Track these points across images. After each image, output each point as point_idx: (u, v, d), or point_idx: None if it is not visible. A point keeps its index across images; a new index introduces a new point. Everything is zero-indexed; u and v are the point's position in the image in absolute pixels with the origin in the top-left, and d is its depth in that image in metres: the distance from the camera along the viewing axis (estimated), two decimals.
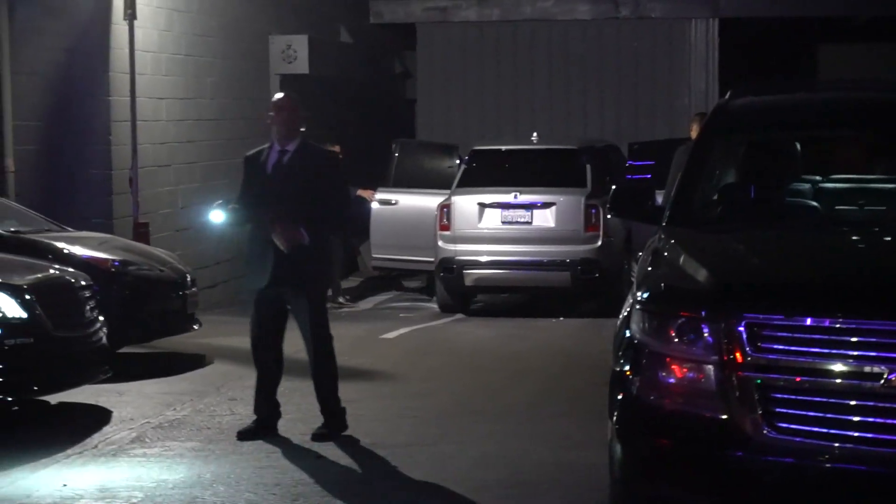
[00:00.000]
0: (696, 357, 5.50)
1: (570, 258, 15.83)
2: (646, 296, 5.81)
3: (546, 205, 15.96)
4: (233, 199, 9.41)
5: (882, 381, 5.25)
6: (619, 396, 5.78)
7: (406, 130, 23.04)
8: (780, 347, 5.38)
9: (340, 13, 22.66)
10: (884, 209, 7.38)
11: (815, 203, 7.29)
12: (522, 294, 17.26)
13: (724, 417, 5.42)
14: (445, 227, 16.19)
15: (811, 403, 5.33)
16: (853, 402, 5.30)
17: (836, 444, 5.28)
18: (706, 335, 5.48)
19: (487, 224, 16.09)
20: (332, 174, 9.27)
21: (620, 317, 6.22)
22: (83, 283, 10.03)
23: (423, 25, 23.23)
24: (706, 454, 5.49)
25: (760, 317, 5.41)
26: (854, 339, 5.30)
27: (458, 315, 16.39)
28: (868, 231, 6.69)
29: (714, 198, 7.15)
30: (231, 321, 15.06)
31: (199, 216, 16.78)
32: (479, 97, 23.04)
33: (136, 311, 11.92)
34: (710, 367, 5.47)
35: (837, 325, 5.32)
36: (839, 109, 7.45)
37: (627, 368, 5.76)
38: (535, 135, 17.66)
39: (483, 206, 16.11)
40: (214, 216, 9.14)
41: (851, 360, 5.30)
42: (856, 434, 5.27)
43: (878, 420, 5.26)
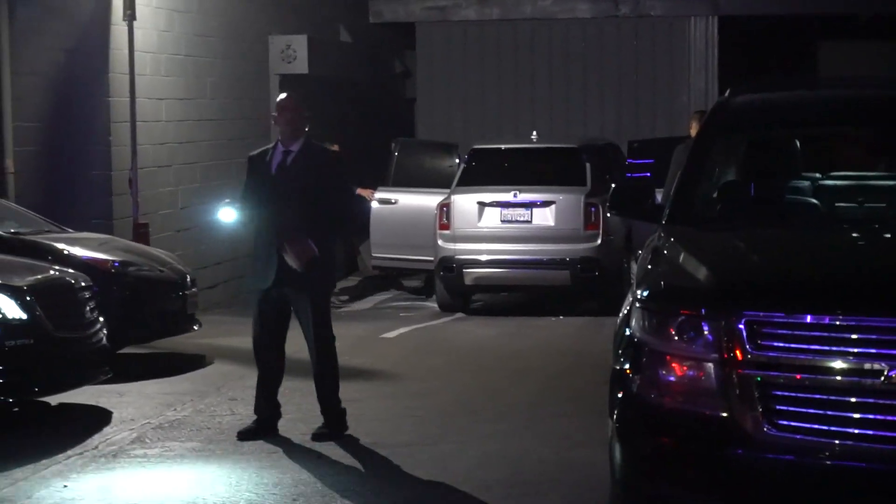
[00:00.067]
0: (697, 355, 5.50)
1: (570, 257, 15.81)
2: (646, 294, 5.81)
3: (546, 203, 15.96)
4: (237, 199, 9.40)
5: (882, 378, 5.24)
6: (620, 395, 5.77)
7: (406, 130, 23.03)
8: (781, 345, 5.38)
9: (340, 13, 22.65)
10: (883, 206, 7.37)
11: (815, 200, 7.28)
12: (522, 293, 17.25)
13: (725, 415, 5.42)
14: (445, 227, 16.18)
15: (811, 401, 5.32)
16: (853, 400, 5.29)
17: (837, 442, 5.27)
18: (706, 333, 5.47)
19: (487, 223, 16.08)
20: (337, 174, 9.25)
21: (620, 315, 6.22)
22: (83, 284, 10.03)
23: (423, 25, 23.24)
24: (707, 452, 5.49)
25: (760, 314, 5.41)
26: (854, 337, 5.30)
27: (458, 314, 16.39)
28: (868, 228, 6.68)
29: (714, 196, 7.14)
30: (231, 321, 15.06)
31: (206, 215, 16.79)
32: (479, 96, 23.03)
33: (137, 312, 11.92)
34: (711, 365, 5.46)
35: (837, 323, 5.32)
36: (839, 107, 7.45)
37: (627, 367, 5.75)
38: (535, 133, 17.66)
39: (483, 205, 16.09)
40: (224, 215, 9.10)
41: (851, 358, 5.29)
42: (856, 431, 5.27)
43: (879, 417, 5.26)
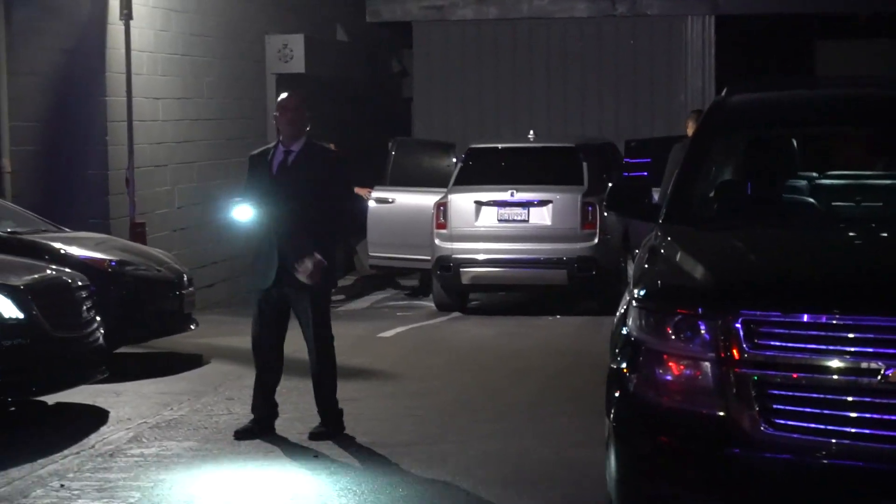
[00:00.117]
0: (694, 354, 5.50)
1: (567, 256, 15.81)
2: (643, 293, 5.80)
3: (543, 203, 15.95)
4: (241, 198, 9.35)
5: (879, 378, 5.24)
6: (617, 394, 5.77)
7: (403, 129, 23.02)
8: (778, 344, 5.37)
9: (337, 12, 22.65)
10: (880, 205, 7.38)
11: (812, 200, 7.28)
12: (519, 292, 17.25)
13: (722, 414, 5.42)
14: (442, 226, 16.18)
15: (808, 400, 5.32)
16: (850, 399, 5.29)
17: (834, 441, 5.27)
18: (703, 332, 5.47)
19: (484, 222, 16.08)
20: (338, 174, 9.24)
21: (617, 314, 6.21)
22: (80, 284, 10.02)
23: (420, 24, 23.22)
24: (704, 452, 5.48)
25: (757, 313, 5.40)
26: (851, 336, 5.30)
27: (455, 313, 16.39)
28: (865, 227, 6.68)
29: (711, 195, 7.14)
30: (228, 321, 15.06)
31: (203, 215, 16.79)
32: (477, 96, 23.03)
33: (134, 311, 11.91)
34: (708, 364, 5.46)
35: (834, 322, 5.31)
36: (836, 106, 7.44)
37: (625, 366, 5.75)
38: (532, 133, 17.66)
39: (480, 205, 16.09)
40: (240, 213, 9.06)
41: (848, 357, 5.29)
42: (853, 430, 5.27)
43: (876, 416, 5.26)
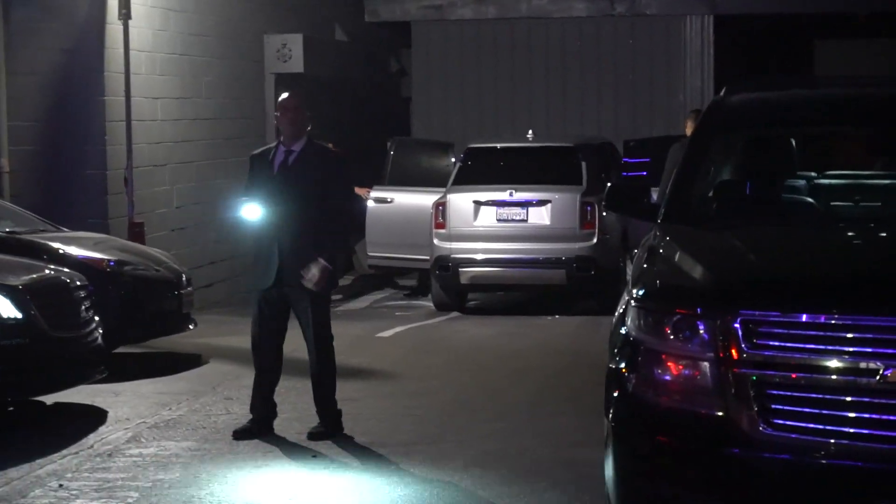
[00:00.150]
0: (692, 354, 5.49)
1: (566, 256, 15.80)
2: (641, 293, 5.80)
3: (541, 202, 15.94)
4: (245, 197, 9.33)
5: (878, 378, 5.24)
6: (616, 394, 5.77)
7: (402, 128, 23.02)
8: (776, 344, 5.37)
9: (336, 12, 22.64)
10: (879, 205, 7.37)
11: (811, 199, 7.28)
12: (518, 292, 17.24)
13: (721, 414, 5.41)
14: (441, 225, 16.17)
15: (807, 400, 5.31)
16: (849, 399, 5.28)
17: (833, 441, 5.27)
18: (702, 332, 5.46)
19: (483, 222, 16.07)
20: (339, 174, 9.23)
21: (616, 314, 6.21)
22: (79, 284, 10.02)
23: (419, 24, 23.22)
24: (703, 451, 5.48)
25: (756, 313, 5.40)
26: (850, 336, 5.29)
27: (454, 313, 16.38)
28: (863, 227, 6.68)
29: (710, 194, 7.14)
30: (227, 321, 15.06)
31: (202, 215, 16.79)
32: (476, 95, 23.02)
33: (132, 311, 11.91)
34: (706, 364, 5.45)
35: (833, 322, 5.31)
36: (835, 106, 7.44)
37: (623, 366, 5.75)
38: (531, 132, 17.65)
39: (478, 204, 16.08)
40: (249, 212, 9.05)
41: (847, 357, 5.29)
42: (852, 430, 5.26)
43: (874, 416, 5.25)
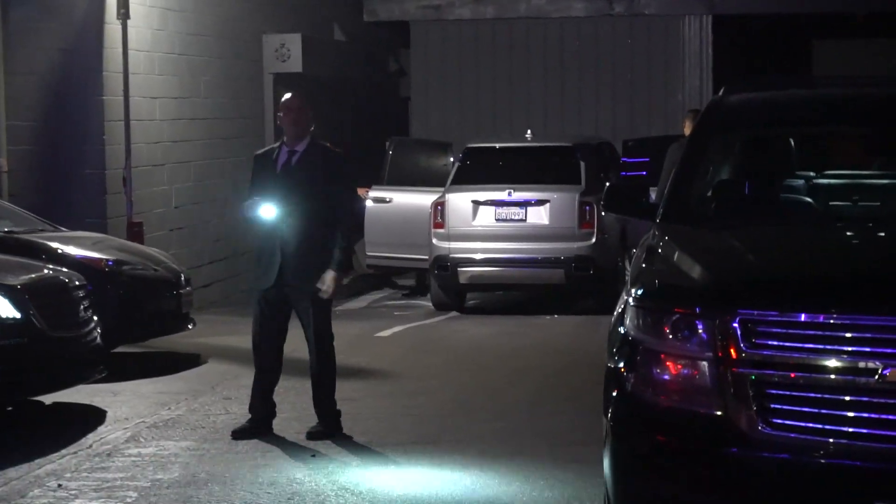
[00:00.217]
0: (691, 353, 5.49)
1: (565, 255, 15.81)
2: (640, 292, 5.80)
3: (540, 202, 15.95)
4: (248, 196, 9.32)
5: (877, 377, 5.24)
6: (615, 393, 5.76)
7: (400, 128, 23.03)
8: (775, 343, 5.37)
9: (335, 11, 22.65)
10: (878, 205, 7.37)
11: (810, 199, 7.28)
12: (517, 292, 17.24)
13: (719, 414, 5.41)
14: (439, 225, 16.18)
15: (806, 399, 5.31)
16: (848, 398, 5.28)
17: (831, 440, 5.26)
18: (701, 331, 5.46)
19: (481, 221, 16.08)
20: (342, 174, 9.24)
21: (615, 314, 6.21)
22: (77, 283, 10.02)
23: (418, 23, 23.24)
24: (701, 451, 5.47)
25: (755, 313, 5.40)
26: (848, 335, 5.29)
27: (453, 313, 16.39)
28: (862, 227, 6.68)
29: (708, 194, 7.14)
30: (226, 320, 15.07)
31: (201, 215, 16.78)
32: (474, 95, 23.04)
33: (131, 311, 11.91)
34: (705, 364, 5.45)
35: (832, 321, 5.31)
36: (833, 106, 7.44)
37: (622, 365, 5.75)
38: (530, 132, 17.66)
39: (477, 204, 16.09)
40: (265, 211, 9.04)
41: (846, 356, 5.29)
42: (850, 430, 5.26)
43: (873, 416, 5.25)
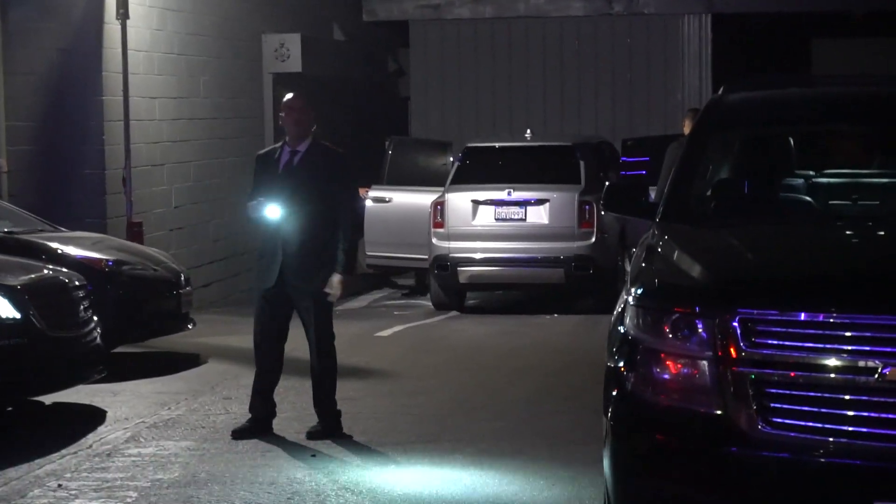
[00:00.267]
0: (691, 353, 5.49)
1: (564, 255, 15.82)
2: (640, 292, 5.80)
3: (540, 201, 15.96)
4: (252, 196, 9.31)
5: (876, 376, 5.24)
6: (614, 393, 5.76)
7: (400, 128, 23.03)
8: (775, 343, 5.36)
9: (334, 11, 22.65)
10: (877, 204, 7.37)
11: (809, 198, 7.28)
12: (516, 291, 17.24)
13: (719, 413, 5.41)
14: (439, 225, 16.19)
15: (806, 398, 5.31)
16: (848, 397, 5.28)
17: (831, 439, 5.26)
18: (700, 331, 5.46)
19: (481, 221, 16.09)
20: (344, 175, 9.24)
21: (615, 313, 6.21)
22: (77, 284, 10.01)
23: (417, 23, 23.24)
24: (701, 450, 5.47)
25: (754, 312, 5.39)
26: (848, 334, 5.29)
27: (453, 312, 16.39)
28: (862, 226, 6.68)
29: (708, 193, 7.14)
30: (225, 320, 15.07)
31: (201, 215, 16.78)
32: (474, 94, 23.04)
33: (131, 311, 11.91)
34: (705, 363, 5.45)
35: (831, 320, 5.31)
36: (832, 104, 7.44)
37: (622, 365, 5.75)
38: (529, 131, 17.67)
39: (477, 204, 16.10)
40: (271, 212, 9.04)
41: (846, 355, 5.28)
42: (850, 429, 5.26)
43: (873, 415, 5.25)
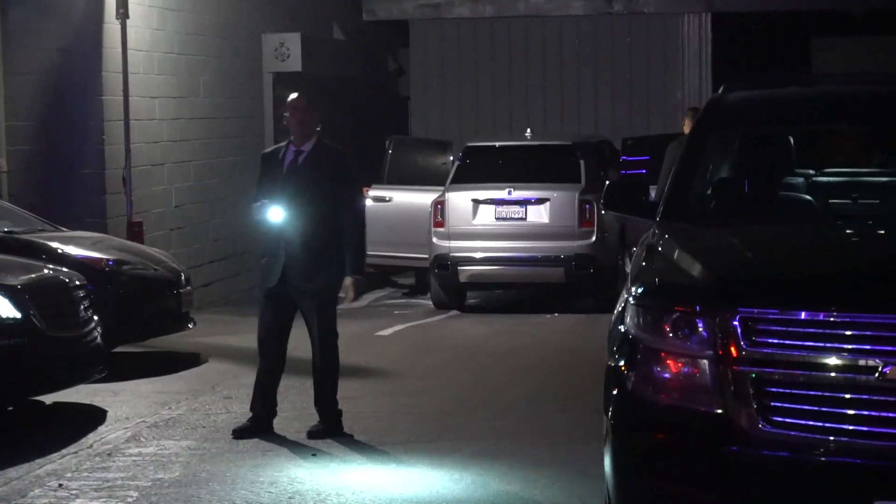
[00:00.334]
0: (691, 352, 5.49)
1: (565, 254, 15.83)
2: (640, 291, 5.80)
3: (540, 201, 15.96)
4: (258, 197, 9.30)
5: (877, 375, 5.24)
6: (615, 392, 5.77)
7: (400, 127, 23.03)
8: (775, 341, 5.37)
9: (334, 11, 22.65)
10: (877, 202, 7.37)
11: (809, 197, 7.28)
12: (517, 290, 17.25)
13: (720, 412, 5.41)
14: (440, 224, 16.19)
15: (806, 397, 5.31)
16: (848, 396, 5.28)
17: (832, 438, 5.26)
18: (701, 330, 5.46)
19: (481, 220, 16.09)
20: (349, 174, 9.24)
21: (615, 312, 6.21)
22: (77, 283, 10.02)
23: (417, 22, 23.25)
24: (702, 449, 5.48)
25: (755, 311, 5.40)
26: (848, 333, 5.29)
27: (453, 312, 16.40)
28: (862, 224, 6.68)
29: (708, 192, 7.14)
30: (225, 320, 15.07)
31: (201, 215, 16.78)
32: (473, 94, 23.05)
33: (131, 311, 11.92)
34: (705, 362, 5.45)
35: (832, 319, 5.31)
36: (833, 103, 7.44)
37: (622, 364, 5.75)
38: (529, 131, 17.67)
39: (477, 203, 16.10)
40: (274, 214, 9.03)
41: (846, 354, 5.29)
42: (851, 427, 5.26)
43: (873, 413, 5.25)
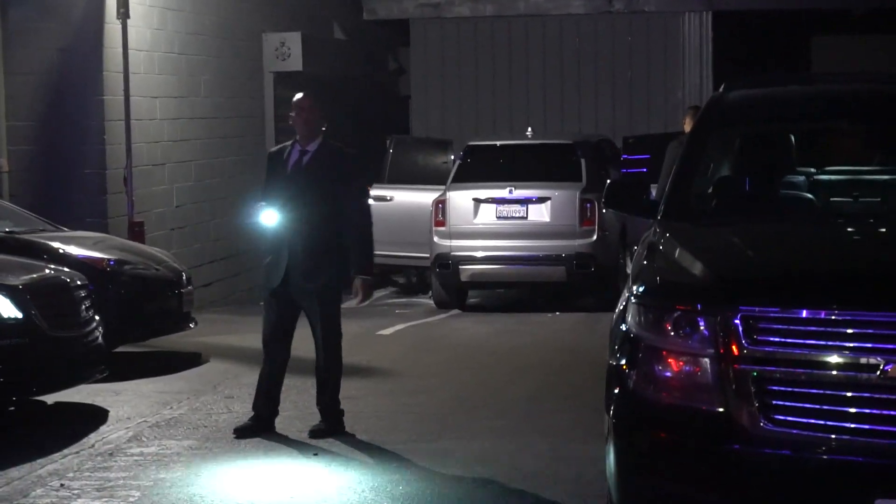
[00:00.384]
0: (693, 350, 5.49)
1: (566, 253, 15.83)
2: (641, 290, 5.80)
3: (541, 199, 15.97)
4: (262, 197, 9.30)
5: (878, 373, 5.24)
6: (616, 390, 5.77)
7: (400, 126, 23.03)
8: (777, 340, 5.37)
9: (334, 10, 22.65)
10: (878, 201, 7.38)
11: (810, 195, 7.29)
12: (518, 289, 17.25)
13: (721, 410, 5.41)
14: (441, 223, 16.19)
15: (808, 396, 5.32)
16: (849, 394, 5.28)
17: (833, 436, 5.27)
18: (702, 328, 5.46)
19: (483, 219, 16.09)
20: (354, 176, 9.24)
21: (616, 311, 6.22)
22: (79, 283, 10.02)
23: (417, 22, 23.25)
24: (703, 447, 5.48)
25: (756, 309, 5.40)
26: (850, 331, 5.29)
27: (454, 311, 16.40)
28: (863, 223, 6.69)
29: (709, 191, 7.15)
30: (226, 319, 15.07)
31: (202, 215, 16.78)
32: (474, 93, 23.05)
33: (132, 311, 11.92)
34: (707, 361, 5.45)
35: (833, 317, 5.31)
36: (833, 102, 7.45)
37: (624, 362, 5.75)
38: (530, 130, 17.67)
39: (478, 202, 16.11)
40: (267, 217, 9.03)
41: (848, 352, 5.29)
42: (852, 426, 5.26)
43: (875, 412, 5.25)
